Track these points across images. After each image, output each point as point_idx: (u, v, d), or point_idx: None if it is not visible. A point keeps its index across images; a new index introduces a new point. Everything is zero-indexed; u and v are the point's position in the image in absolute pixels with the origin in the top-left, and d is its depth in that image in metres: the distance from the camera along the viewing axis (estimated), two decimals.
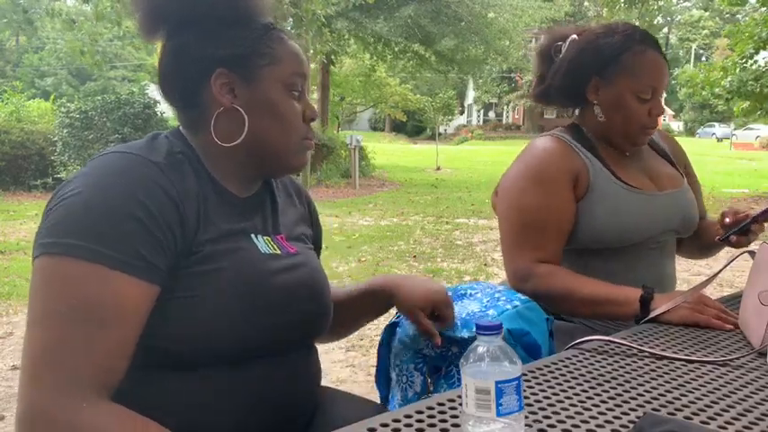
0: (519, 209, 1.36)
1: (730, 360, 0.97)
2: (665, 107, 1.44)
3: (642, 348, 1.00)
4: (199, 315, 0.80)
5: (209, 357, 0.82)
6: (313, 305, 0.96)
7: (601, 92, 1.38)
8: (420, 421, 0.72)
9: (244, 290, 0.84)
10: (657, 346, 1.04)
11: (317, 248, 1.11)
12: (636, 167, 1.43)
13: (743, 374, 0.91)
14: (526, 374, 0.88)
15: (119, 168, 0.80)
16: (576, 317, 1.35)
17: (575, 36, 1.43)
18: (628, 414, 0.76)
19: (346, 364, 3.13)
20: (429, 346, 1.11)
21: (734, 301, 1.31)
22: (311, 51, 11.20)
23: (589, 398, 0.81)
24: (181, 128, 0.93)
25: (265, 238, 0.93)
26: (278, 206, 1.01)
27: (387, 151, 21.65)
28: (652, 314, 1.19)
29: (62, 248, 0.74)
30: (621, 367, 0.93)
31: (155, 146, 0.86)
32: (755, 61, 12.24)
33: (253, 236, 0.91)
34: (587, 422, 0.73)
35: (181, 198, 0.81)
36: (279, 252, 0.93)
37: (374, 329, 3.27)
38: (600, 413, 0.76)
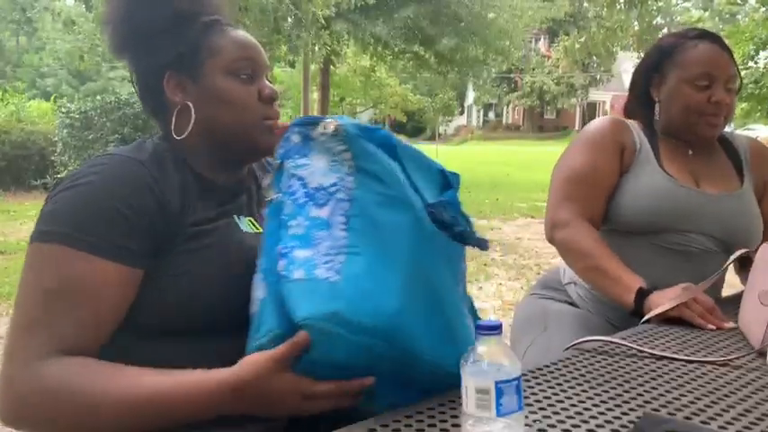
0: (568, 166, 1.42)
1: (730, 360, 0.97)
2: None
3: (642, 349, 1.00)
4: (190, 288, 0.87)
5: (204, 326, 0.88)
6: None
7: (662, 89, 1.43)
8: (420, 421, 0.72)
9: (226, 261, 0.90)
10: (657, 346, 1.04)
11: None
12: (688, 166, 1.42)
13: (743, 374, 0.92)
14: (526, 374, 0.88)
15: (104, 165, 0.89)
16: (582, 280, 1.41)
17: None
18: (628, 414, 0.76)
19: None
20: None
21: (734, 300, 1.31)
22: (311, 52, 11.19)
23: (589, 398, 0.81)
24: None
25: (248, 218, 1.00)
26: (261, 191, 1.05)
27: None
28: (651, 314, 1.19)
29: (44, 236, 0.83)
30: (621, 367, 0.93)
31: (141, 148, 0.95)
32: (756, 62, 12.24)
33: (235, 216, 0.98)
34: (587, 422, 0.73)
35: (161, 189, 0.89)
36: (260, 230, 0.97)
37: None
38: (600, 413, 0.76)
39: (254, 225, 1.00)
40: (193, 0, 0.99)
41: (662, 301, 1.18)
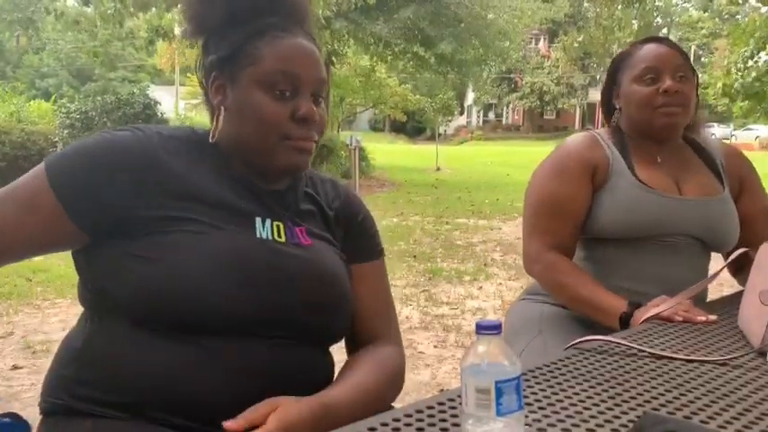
0: (538, 195, 1.45)
1: (730, 360, 0.98)
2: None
3: (642, 348, 1.00)
4: (170, 276, 0.84)
5: (192, 324, 0.85)
6: (294, 297, 0.92)
7: (620, 95, 1.49)
8: (420, 420, 0.72)
9: (213, 261, 0.86)
10: (657, 345, 1.04)
11: (356, 256, 1.06)
12: (664, 172, 1.44)
13: (742, 374, 0.92)
14: (526, 374, 0.88)
15: (124, 131, 0.92)
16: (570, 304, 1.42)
17: None
18: (627, 414, 0.76)
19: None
20: None
21: (733, 301, 1.31)
22: None
23: (589, 398, 0.81)
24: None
25: (276, 223, 0.95)
26: (305, 204, 1.03)
27: (387, 152, 21.65)
28: (648, 313, 1.19)
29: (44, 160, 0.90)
30: (621, 367, 0.93)
31: (178, 129, 0.99)
32: (756, 62, 12.24)
33: (258, 219, 0.94)
34: (587, 422, 0.73)
35: (157, 164, 0.89)
36: (282, 239, 0.95)
37: None
38: (600, 413, 0.76)
39: (279, 233, 0.95)
40: (256, 1, 0.94)
41: (647, 313, 1.20)
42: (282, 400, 0.81)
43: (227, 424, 0.77)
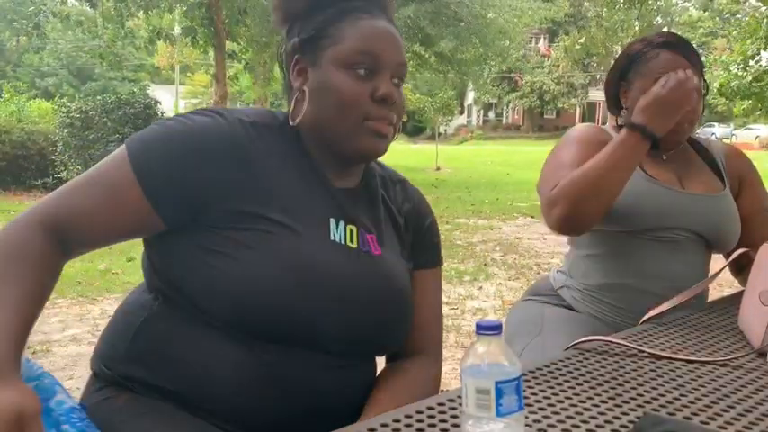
0: (554, 159, 1.41)
1: (730, 360, 0.97)
2: None
3: (642, 348, 1.00)
4: (232, 275, 0.83)
5: (249, 324, 0.84)
6: (373, 306, 0.91)
7: (627, 96, 1.46)
8: (420, 421, 0.72)
9: (287, 265, 0.84)
10: (657, 346, 1.04)
11: (419, 260, 1.05)
12: (668, 169, 1.44)
13: (743, 374, 0.92)
14: (526, 374, 0.88)
15: (204, 115, 0.89)
16: (605, 195, 1.28)
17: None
18: (628, 414, 0.76)
19: None
20: None
21: (734, 301, 1.31)
22: None
23: (589, 398, 0.81)
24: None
25: (350, 227, 0.93)
26: (376, 207, 1.00)
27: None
28: (651, 313, 1.20)
29: (124, 142, 0.88)
30: (621, 367, 0.93)
31: (259, 113, 0.95)
32: (757, 61, 12.24)
33: (333, 220, 0.92)
34: (587, 422, 0.73)
35: (242, 155, 0.87)
36: (354, 246, 0.93)
37: None
38: (600, 413, 0.76)
39: (352, 238, 0.93)
40: None
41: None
42: None
43: None
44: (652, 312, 1.20)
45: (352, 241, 0.92)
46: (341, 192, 0.95)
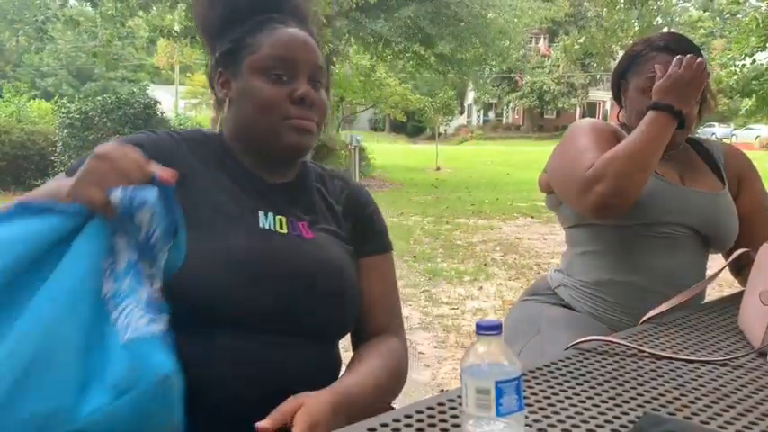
0: (573, 147, 1.39)
1: (730, 360, 0.97)
2: None
3: (642, 348, 1.00)
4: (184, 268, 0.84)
5: (201, 317, 0.86)
6: (294, 287, 0.93)
7: (625, 94, 1.50)
8: (420, 421, 0.72)
9: (219, 252, 0.89)
10: (657, 346, 1.04)
11: (363, 249, 1.07)
12: (670, 166, 1.45)
13: (743, 374, 0.92)
14: (526, 374, 0.88)
15: (140, 133, 0.98)
16: (647, 171, 1.29)
17: None
18: (628, 414, 0.76)
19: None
20: None
21: (734, 301, 1.31)
22: None
23: (589, 398, 0.81)
24: None
25: (279, 217, 0.98)
26: (310, 198, 1.05)
27: (387, 151, 21.66)
28: (651, 313, 1.20)
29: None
30: (621, 367, 0.93)
31: (187, 131, 1.03)
32: (754, 60, 12.24)
33: (261, 213, 0.97)
34: (587, 422, 0.73)
35: (179, 159, 0.93)
36: (284, 231, 0.97)
37: None
38: (600, 413, 0.76)
39: (281, 225, 0.97)
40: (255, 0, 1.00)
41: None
42: (304, 398, 0.82)
43: (260, 424, 0.77)
44: (652, 312, 1.20)
45: (282, 228, 0.98)
46: (273, 187, 1.01)
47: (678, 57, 1.31)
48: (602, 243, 1.43)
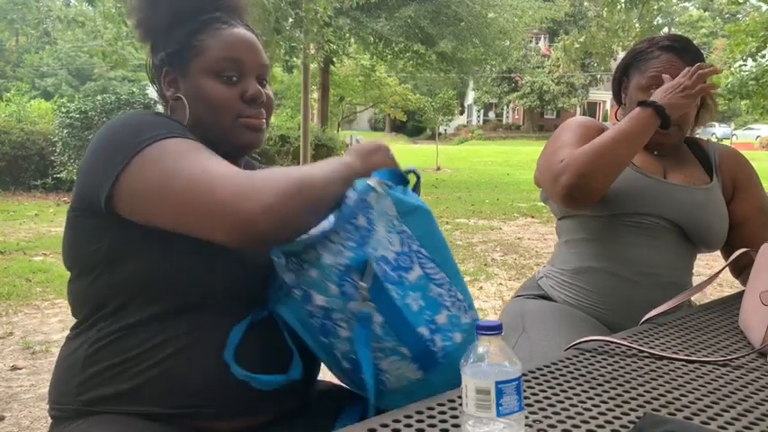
0: (555, 142, 1.43)
1: (730, 360, 0.97)
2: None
3: (642, 348, 1.00)
4: (157, 258, 0.88)
5: (193, 299, 0.89)
6: (259, 264, 0.95)
7: (626, 92, 1.51)
8: (420, 421, 0.72)
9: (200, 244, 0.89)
10: (657, 346, 1.04)
11: None
12: (656, 160, 1.48)
13: (743, 374, 0.91)
14: (526, 374, 0.88)
15: (128, 113, 0.95)
16: (611, 166, 1.31)
17: None
18: (628, 414, 0.76)
19: None
20: None
21: (734, 301, 1.31)
22: (312, 51, 11.18)
23: (589, 398, 0.81)
24: None
25: None
26: None
27: None
28: (651, 313, 1.20)
29: (139, 146, 0.85)
30: (621, 367, 0.93)
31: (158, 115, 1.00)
32: (756, 60, 12.23)
33: None
34: (587, 422, 0.73)
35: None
36: None
37: None
38: (600, 413, 0.76)
39: None
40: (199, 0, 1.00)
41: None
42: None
43: None
44: (652, 312, 1.20)
45: None
46: None
47: (688, 68, 1.33)
48: (584, 232, 1.45)
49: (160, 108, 1.12)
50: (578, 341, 1.04)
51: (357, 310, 0.83)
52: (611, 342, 1.04)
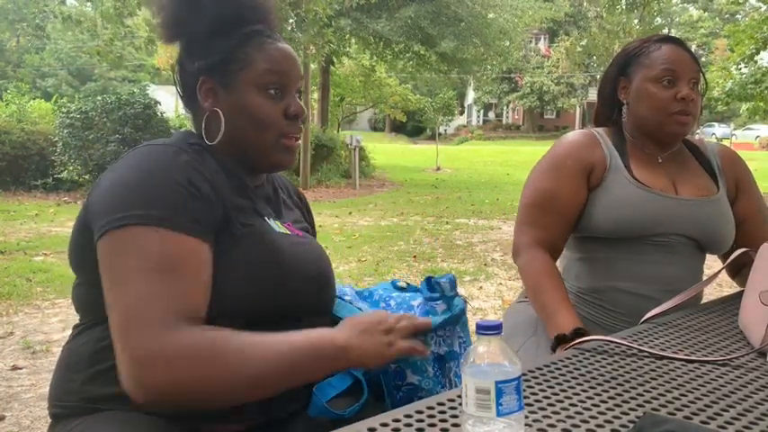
0: (532, 189, 1.45)
1: (730, 360, 0.97)
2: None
3: (642, 348, 1.00)
4: (232, 278, 0.89)
5: (246, 320, 0.88)
6: (323, 277, 1.04)
7: (628, 90, 1.46)
8: (420, 421, 0.72)
9: (266, 258, 0.93)
10: (657, 345, 1.04)
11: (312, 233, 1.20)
12: (662, 172, 1.44)
13: (743, 374, 0.92)
14: (526, 374, 0.88)
15: (154, 152, 0.91)
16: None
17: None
18: (628, 414, 0.76)
19: None
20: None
21: (733, 301, 1.31)
22: (313, 51, 11.18)
23: (589, 398, 0.81)
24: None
25: (276, 222, 1.03)
26: (281, 198, 1.13)
27: (387, 151, 21.64)
28: (651, 313, 1.20)
29: (126, 220, 0.83)
30: (621, 367, 0.93)
31: (176, 138, 0.98)
32: (756, 62, 12.22)
33: (266, 218, 1.01)
34: (587, 422, 0.73)
35: (208, 175, 0.92)
36: (289, 233, 1.03)
37: None
38: (600, 413, 0.76)
39: (282, 228, 1.03)
40: (239, 7, 0.99)
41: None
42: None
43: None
44: (652, 312, 1.20)
45: (285, 230, 1.03)
46: (257, 191, 1.05)
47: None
48: (598, 251, 1.43)
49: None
50: (578, 341, 1.05)
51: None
52: (612, 342, 1.04)
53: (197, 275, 0.84)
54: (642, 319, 1.20)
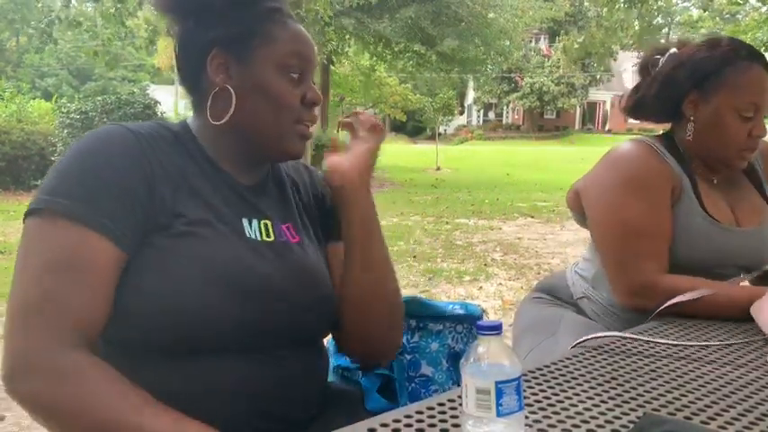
0: (625, 221, 1.28)
1: (746, 343, 0.98)
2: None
3: (654, 340, 1.00)
4: (166, 293, 0.80)
5: (178, 344, 0.81)
6: (300, 296, 0.91)
7: (700, 107, 1.31)
8: (420, 421, 0.72)
9: (215, 274, 0.82)
10: (668, 337, 1.03)
11: (331, 233, 1.06)
12: (720, 196, 1.36)
13: (743, 374, 0.91)
14: (526, 374, 0.88)
15: (102, 135, 0.84)
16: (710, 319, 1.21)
17: (674, 50, 1.36)
18: (628, 414, 0.76)
19: None
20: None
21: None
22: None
23: (589, 397, 0.81)
24: (189, 116, 0.98)
25: (263, 222, 0.93)
26: (287, 196, 1.01)
27: (387, 151, 21.35)
28: (670, 302, 1.16)
29: (42, 203, 0.79)
30: (621, 367, 0.93)
31: (146, 124, 0.89)
32: None
33: (245, 219, 0.91)
34: (587, 422, 0.73)
35: (153, 170, 0.83)
36: (271, 239, 0.92)
37: None
38: (600, 413, 0.76)
39: (267, 231, 0.93)
40: None
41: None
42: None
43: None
44: (668, 303, 1.16)
45: (268, 235, 0.92)
46: (248, 189, 0.94)
47: None
48: None
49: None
50: (583, 339, 1.04)
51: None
52: (625, 338, 1.04)
53: (99, 280, 0.78)
54: (650, 316, 1.18)
